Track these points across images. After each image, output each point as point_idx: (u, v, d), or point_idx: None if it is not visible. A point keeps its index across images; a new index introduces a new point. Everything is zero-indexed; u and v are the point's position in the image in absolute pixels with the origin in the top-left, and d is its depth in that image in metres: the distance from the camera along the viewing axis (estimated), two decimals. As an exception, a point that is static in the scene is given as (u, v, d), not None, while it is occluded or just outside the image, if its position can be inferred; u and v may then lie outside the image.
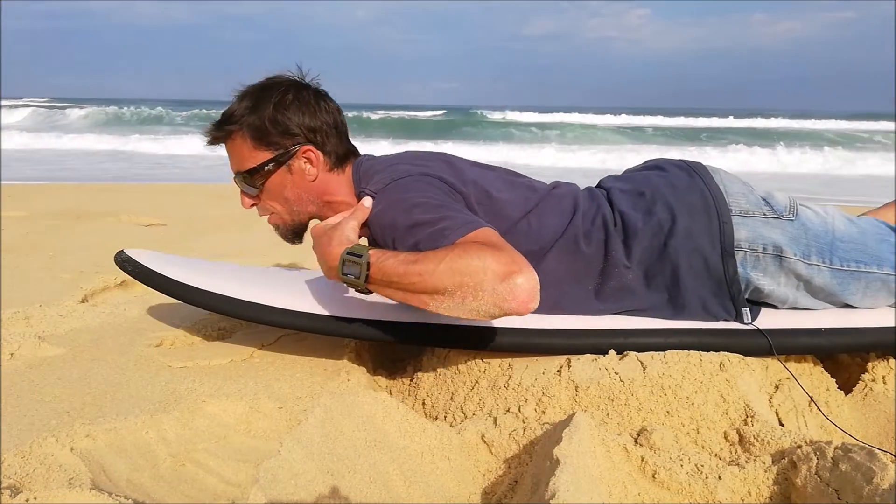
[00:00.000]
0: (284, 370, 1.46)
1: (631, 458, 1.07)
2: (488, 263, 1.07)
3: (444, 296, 1.09)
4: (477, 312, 1.08)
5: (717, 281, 1.35)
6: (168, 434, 1.19)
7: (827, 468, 0.98)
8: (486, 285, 1.06)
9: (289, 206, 1.46)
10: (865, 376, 1.42)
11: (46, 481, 1.01)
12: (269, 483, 0.96)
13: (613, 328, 1.35)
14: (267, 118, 1.38)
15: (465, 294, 1.07)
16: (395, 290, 1.16)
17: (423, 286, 1.11)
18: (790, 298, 1.39)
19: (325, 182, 1.44)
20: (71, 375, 1.43)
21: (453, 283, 1.08)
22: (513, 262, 1.08)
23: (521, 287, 1.06)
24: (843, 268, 1.37)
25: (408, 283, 1.12)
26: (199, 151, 10.23)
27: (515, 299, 1.06)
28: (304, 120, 1.40)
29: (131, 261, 1.58)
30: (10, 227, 3.55)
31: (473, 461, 1.16)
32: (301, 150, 1.41)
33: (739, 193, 1.40)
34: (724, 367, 1.27)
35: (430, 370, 1.45)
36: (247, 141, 1.41)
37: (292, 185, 1.43)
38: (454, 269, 1.08)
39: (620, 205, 1.40)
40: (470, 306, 1.08)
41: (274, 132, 1.39)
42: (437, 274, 1.09)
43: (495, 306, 1.07)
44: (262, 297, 1.43)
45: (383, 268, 1.16)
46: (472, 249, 1.10)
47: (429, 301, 1.12)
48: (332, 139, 1.44)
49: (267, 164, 1.40)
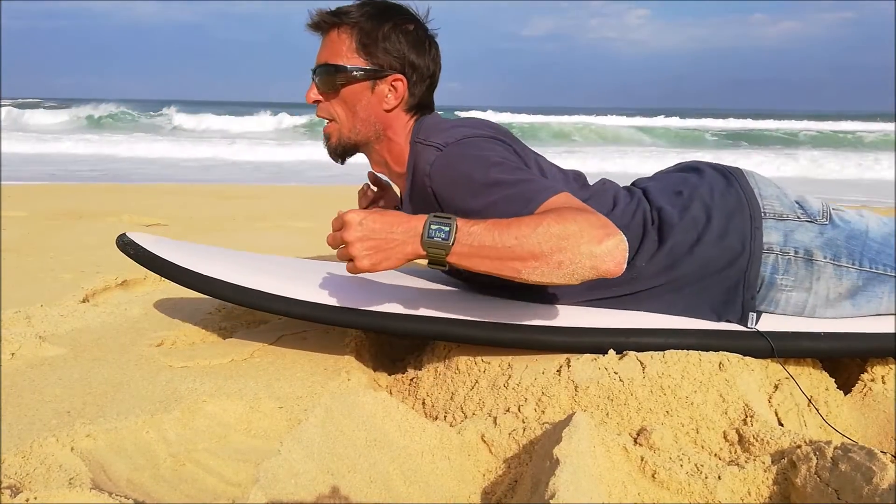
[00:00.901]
0: (285, 370, 1.46)
1: (630, 457, 1.07)
2: (584, 228, 1.09)
3: (538, 261, 1.10)
4: (571, 276, 1.10)
5: (735, 282, 1.36)
6: (168, 434, 1.19)
7: (826, 468, 0.98)
8: (584, 248, 1.08)
9: (353, 121, 1.45)
10: (865, 376, 1.41)
11: (47, 481, 1.02)
12: (270, 483, 0.96)
13: (613, 327, 1.35)
14: (382, 31, 1.39)
15: (562, 258, 1.09)
16: (482, 257, 1.13)
17: (518, 251, 1.10)
18: (808, 306, 1.39)
19: (395, 118, 1.45)
20: (71, 375, 1.43)
21: (551, 247, 1.08)
22: (606, 225, 1.11)
23: (619, 248, 1.09)
24: (871, 269, 1.38)
25: (502, 248, 1.11)
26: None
27: (613, 260, 1.09)
28: (410, 53, 1.41)
29: (133, 244, 1.58)
30: (10, 227, 3.55)
31: (473, 461, 1.16)
32: (392, 77, 1.41)
33: (773, 196, 1.41)
34: (723, 366, 1.27)
35: (430, 370, 1.45)
36: (352, 40, 1.40)
37: (367, 104, 1.43)
38: (552, 234, 1.09)
39: (659, 201, 1.42)
40: (566, 270, 1.10)
41: (381, 47, 1.39)
42: (534, 237, 1.09)
43: (592, 269, 1.09)
44: (266, 284, 1.43)
45: (472, 232, 1.12)
46: (569, 214, 1.11)
47: (521, 267, 1.11)
48: (423, 85, 1.45)
49: (358, 70, 1.40)
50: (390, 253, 1.15)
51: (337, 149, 1.49)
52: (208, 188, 6.36)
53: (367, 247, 1.14)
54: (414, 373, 1.49)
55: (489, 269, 1.13)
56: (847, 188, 8.04)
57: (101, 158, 10.54)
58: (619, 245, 1.09)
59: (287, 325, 1.73)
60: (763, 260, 1.35)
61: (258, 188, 6.56)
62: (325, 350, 1.57)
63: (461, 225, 1.13)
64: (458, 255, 1.13)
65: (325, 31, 1.43)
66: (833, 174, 9.88)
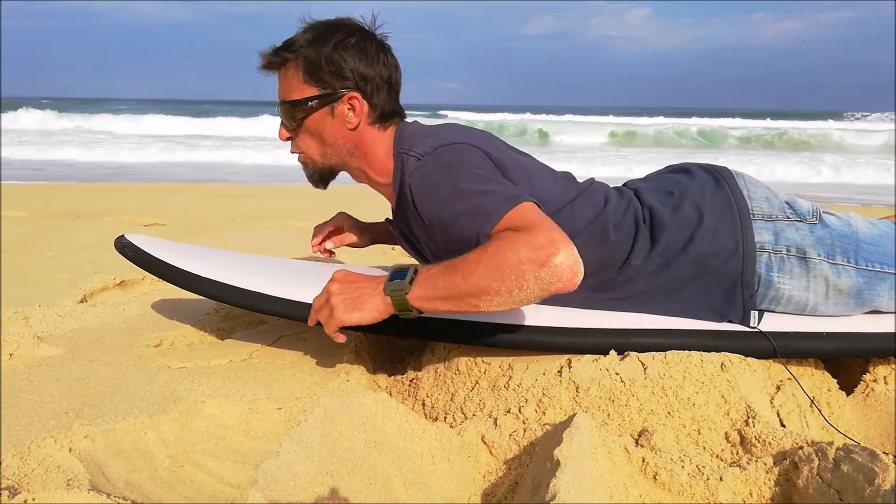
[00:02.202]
0: (284, 371, 1.46)
1: (632, 459, 1.07)
2: (523, 254, 1.09)
3: (490, 294, 1.11)
4: (528, 300, 1.11)
5: (732, 281, 1.36)
6: (167, 435, 1.19)
7: (828, 469, 0.97)
8: (528, 275, 1.08)
9: (323, 149, 1.46)
10: (867, 377, 1.41)
11: (45, 482, 1.01)
12: (268, 484, 0.96)
13: (614, 328, 1.35)
14: (324, 55, 1.38)
15: (511, 286, 1.09)
16: (442, 299, 1.16)
17: (471, 289, 1.12)
18: (810, 304, 1.39)
19: (364, 134, 1.44)
20: (70, 376, 1.43)
21: (497, 279, 1.10)
22: (548, 243, 1.10)
23: (562, 266, 1.09)
24: (869, 268, 1.38)
25: (454, 288, 1.14)
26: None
27: (560, 280, 1.09)
28: (358, 66, 1.40)
29: (131, 246, 1.58)
30: (9, 227, 3.54)
31: (474, 462, 1.15)
32: (347, 96, 1.41)
33: (762, 198, 1.42)
34: (725, 367, 1.27)
35: (430, 371, 1.45)
36: (299, 72, 1.40)
37: (331, 128, 1.43)
38: (492, 268, 1.10)
39: (649, 200, 1.43)
40: (519, 297, 1.10)
41: (326, 70, 1.39)
42: (478, 273, 1.11)
43: (543, 291, 1.10)
44: (264, 285, 1.42)
45: (430, 275, 1.17)
46: (506, 243, 1.11)
47: (478, 302, 1.13)
48: (382, 94, 1.43)
49: (312, 100, 1.40)
50: (360, 302, 1.22)
51: (314, 175, 1.51)
52: (208, 188, 6.36)
53: (342, 299, 1.23)
54: (414, 374, 1.49)
55: (452, 308, 1.17)
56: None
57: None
58: (565, 261, 1.09)
59: (286, 326, 1.73)
60: (757, 258, 1.36)
61: (257, 188, 6.55)
62: (324, 351, 1.56)
63: (420, 269, 1.19)
64: (418, 299, 1.17)
65: (276, 69, 1.44)
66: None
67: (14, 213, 4.04)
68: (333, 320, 1.23)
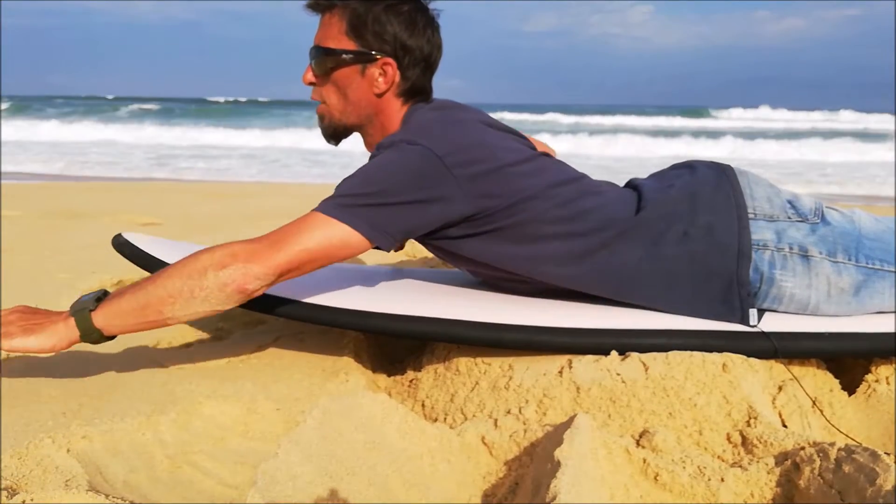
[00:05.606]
0: (282, 371, 1.45)
1: (633, 460, 1.06)
2: (217, 256, 1.20)
3: (175, 297, 1.18)
4: (212, 304, 1.20)
5: (728, 280, 1.35)
6: (165, 435, 1.18)
7: (830, 470, 0.97)
8: (209, 274, 1.18)
9: (344, 105, 1.44)
10: (869, 377, 1.41)
11: (43, 483, 1.00)
12: (267, 485, 0.95)
13: (616, 328, 1.34)
14: (372, 13, 1.37)
15: (192, 288, 1.18)
16: (128, 312, 1.20)
17: (155, 293, 1.19)
18: (812, 302, 1.38)
19: (387, 103, 1.43)
20: (67, 376, 1.42)
21: (181, 278, 1.19)
22: (246, 254, 1.20)
23: (227, 279, 1.18)
24: (869, 265, 1.37)
25: (143, 297, 1.19)
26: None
27: (234, 281, 1.19)
28: (402, 35, 1.38)
29: (128, 244, 1.57)
30: (6, 226, 3.53)
31: (474, 463, 1.15)
32: (382, 60, 1.39)
33: (763, 198, 1.41)
34: (727, 368, 1.27)
35: (430, 371, 1.44)
36: (343, 22, 1.39)
37: (357, 88, 1.42)
38: (182, 267, 1.20)
39: (647, 195, 1.43)
40: (203, 300, 1.19)
41: (370, 29, 1.37)
42: (167, 275, 1.20)
43: (220, 302, 1.20)
44: None
45: (120, 292, 1.22)
46: (213, 248, 1.22)
47: (161, 307, 1.19)
48: (417, 69, 1.42)
49: (346, 54, 1.39)
50: (40, 328, 1.20)
51: (328, 130, 1.49)
52: (206, 186, 6.35)
53: (12, 319, 1.21)
54: (413, 374, 1.48)
55: (138, 319, 1.21)
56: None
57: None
58: (231, 276, 1.18)
59: (285, 326, 1.72)
60: (759, 256, 1.35)
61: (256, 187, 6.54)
62: (323, 351, 1.56)
63: (112, 292, 1.25)
64: (103, 315, 1.20)
65: (321, 12, 1.43)
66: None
67: (10, 213, 4.02)
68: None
